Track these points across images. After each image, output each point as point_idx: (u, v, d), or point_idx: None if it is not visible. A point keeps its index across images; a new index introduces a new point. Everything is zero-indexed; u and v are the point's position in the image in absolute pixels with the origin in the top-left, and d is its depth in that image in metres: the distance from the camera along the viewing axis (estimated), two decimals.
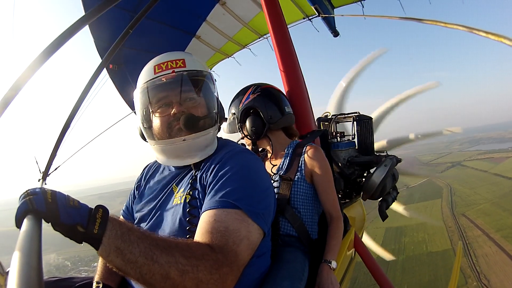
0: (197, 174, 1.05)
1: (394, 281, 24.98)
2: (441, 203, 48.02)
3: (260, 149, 1.79)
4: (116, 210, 1.29)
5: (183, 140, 1.05)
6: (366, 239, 3.51)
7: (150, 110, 1.09)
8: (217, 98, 1.16)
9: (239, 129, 1.68)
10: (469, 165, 72.71)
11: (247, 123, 1.63)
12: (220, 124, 1.22)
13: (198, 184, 1.02)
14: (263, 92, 1.66)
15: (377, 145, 2.90)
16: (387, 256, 4.42)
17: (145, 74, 1.10)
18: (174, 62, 1.07)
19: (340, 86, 3.14)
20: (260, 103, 1.62)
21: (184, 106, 1.06)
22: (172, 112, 1.05)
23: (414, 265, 29.88)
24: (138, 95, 1.11)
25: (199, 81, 1.10)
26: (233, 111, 1.70)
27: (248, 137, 1.67)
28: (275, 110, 1.64)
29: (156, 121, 1.08)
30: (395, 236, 37.34)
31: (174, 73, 1.05)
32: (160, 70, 1.07)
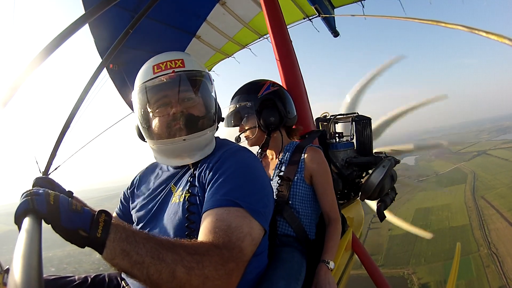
0: (196, 172, 1.05)
1: (420, 250, 34.18)
2: (465, 188, 53.78)
3: (260, 148, 1.74)
4: None
5: (184, 140, 1.05)
6: (401, 223, 3.71)
7: (149, 110, 1.09)
8: (215, 99, 1.16)
9: (249, 119, 1.61)
10: (493, 154, 77.98)
11: (265, 113, 1.59)
12: (218, 124, 1.22)
13: (196, 181, 1.03)
14: (280, 88, 1.71)
15: (402, 147, 3.02)
16: (426, 234, 4.90)
17: (144, 74, 1.10)
18: (173, 62, 1.07)
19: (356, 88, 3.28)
20: (280, 97, 1.65)
21: (183, 106, 1.06)
22: (171, 112, 1.05)
23: (437, 237, 34.88)
24: (136, 95, 1.11)
25: (198, 81, 1.10)
26: (241, 103, 1.61)
27: (262, 127, 1.60)
28: (290, 107, 1.69)
29: (155, 121, 1.08)
30: (423, 215, 43.78)
31: (173, 73, 1.05)
32: (159, 70, 1.06)
